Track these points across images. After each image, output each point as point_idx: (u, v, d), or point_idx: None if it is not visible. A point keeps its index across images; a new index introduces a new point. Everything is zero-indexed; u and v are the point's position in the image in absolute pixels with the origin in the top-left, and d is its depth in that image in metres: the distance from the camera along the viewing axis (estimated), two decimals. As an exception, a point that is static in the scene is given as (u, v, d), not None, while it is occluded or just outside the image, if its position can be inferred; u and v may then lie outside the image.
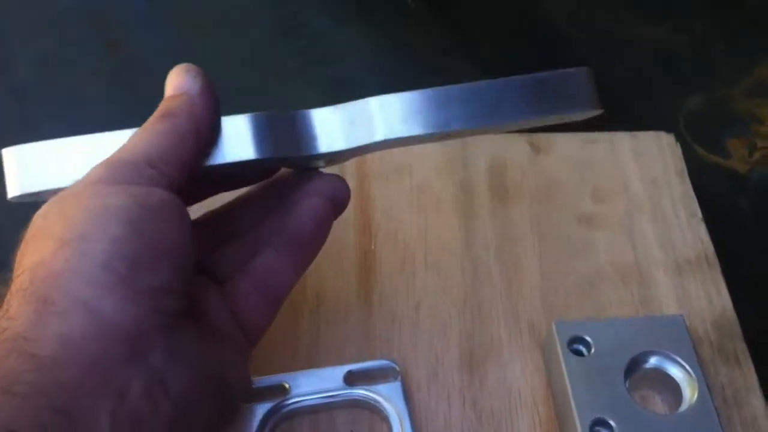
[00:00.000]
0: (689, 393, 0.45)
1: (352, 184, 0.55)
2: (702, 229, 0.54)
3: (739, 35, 0.78)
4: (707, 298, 0.51)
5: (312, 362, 0.48)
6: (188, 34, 0.69)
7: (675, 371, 0.45)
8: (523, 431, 0.46)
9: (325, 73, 0.66)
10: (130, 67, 0.66)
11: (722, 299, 0.51)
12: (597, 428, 0.43)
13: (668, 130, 0.61)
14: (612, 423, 0.43)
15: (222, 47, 0.68)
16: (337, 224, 0.53)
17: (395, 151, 0.57)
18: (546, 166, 0.57)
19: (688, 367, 0.45)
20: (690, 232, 0.54)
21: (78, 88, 0.67)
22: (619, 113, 0.72)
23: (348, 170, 0.56)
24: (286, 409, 0.45)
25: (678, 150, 0.58)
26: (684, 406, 0.44)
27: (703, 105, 0.74)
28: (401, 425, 0.45)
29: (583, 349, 0.46)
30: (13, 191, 0.39)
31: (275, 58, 0.66)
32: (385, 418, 0.45)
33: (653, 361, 0.46)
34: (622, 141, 0.59)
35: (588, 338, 0.46)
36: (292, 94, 0.65)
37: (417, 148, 0.58)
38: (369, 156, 0.57)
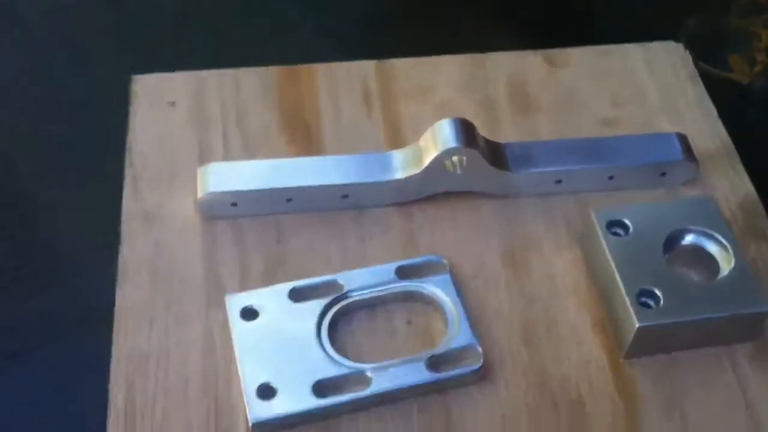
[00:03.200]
0: (725, 265, 0.47)
1: (377, 103, 0.58)
2: (719, 126, 0.57)
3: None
4: (730, 186, 0.54)
5: (361, 265, 0.49)
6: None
7: (711, 246, 0.48)
8: (570, 311, 0.48)
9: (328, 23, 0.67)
10: (134, 18, 0.68)
11: (745, 185, 0.54)
12: (643, 299, 0.45)
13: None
14: (657, 292, 0.45)
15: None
16: (368, 141, 0.56)
17: (415, 70, 0.60)
18: (563, 78, 0.59)
19: (723, 240, 0.47)
20: (707, 129, 0.57)
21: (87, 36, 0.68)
22: (619, 35, 0.74)
23: (371, 90, 0.58)
24: (342, 304, 0.47)
25: (688, 57, 0.61)
26: (723, 275, 0.46)
27: (701, 25, 0.77)
28: (455, 312, 0.47)
29: (621, 232, 0.48)
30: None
31: (272, 8, 0.68)
32: (439, 308, 0.47)
33: (689, 238, 0.48)
34: (634, 51, 0.61)
35: (626, 221, 0.48)
36: (287, 42, 0.66)
37: (435, 68, 0.60)
38: (389, 74, 0.59)
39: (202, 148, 0.55)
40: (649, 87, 0.59)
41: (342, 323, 0.47)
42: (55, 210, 0.62)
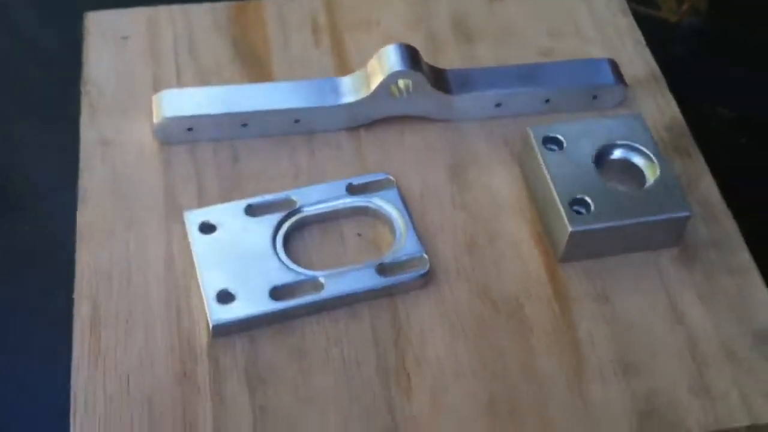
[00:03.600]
0: (651, 176, 0.51)
1: (326, 36, 0.60)
2: (647, 53, 0.60)
3: None
4: (657, 108, 0.57)
5: (314, 184, 0.52)
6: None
7: (638, 159, 0.51)
8: (509, 223, 0.51)
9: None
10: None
11: (671, 108, 0.58)
12: (576, 207, 0.49)
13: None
14: (588, 200, 0.49)
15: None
16: (316, 71, 0.58)
17: (362, 4, 0.62)
18: (503, 13, 0.62)
19: (649, 153, 0.51)
20: (636, 56, 0.60)
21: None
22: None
23: (320, 23, 0.60)
24: (296, 218, 0.49)
25: (618, -9, 0.64)
26: (649, 184, 0.50)
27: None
28: (402, 224, 0.50)
29: (556, 147, 0.51)
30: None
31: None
32: (387, 221, 0.50)
33: (618, 152, 0.52)
34: (569, -11, 0.64)
35: (559, 136, 0.51)
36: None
37: (381, 2, 0.62)
38: (337, 8, 0.62)
39: (155, 79, 0.57)
40: (584, 20, 0.62)
41: (296, 236, 0.50)
42: (19, 144, 0.64)
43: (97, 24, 0.60)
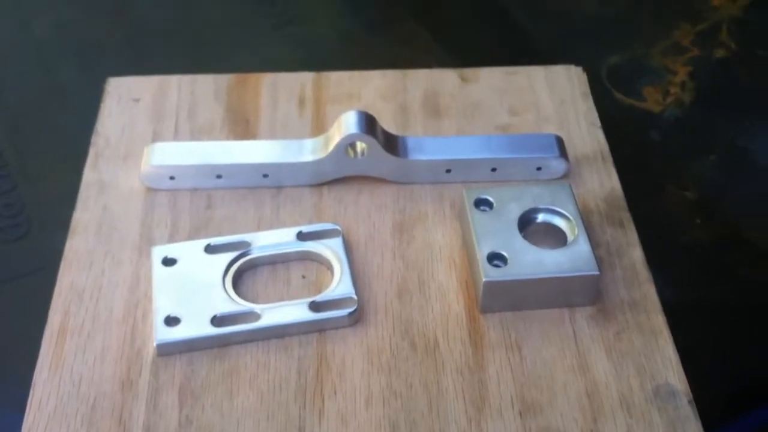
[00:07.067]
0: (572, 238, 0.55)
1: (310, 105, 0.68)
2: (600, 134, 0.65)
3: (662, 5, 0.90)
4: (600, 182, 0.62)
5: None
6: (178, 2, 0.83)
7: (560, 222, 0.56)
8: (441, 273, 0.56)
9: (295, 34, 0.78)
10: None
11: (612, 182, 0.62)
12: (494, 261, 0.54)
13: (590, 79, 0.72)
14: (505, 254, 0.53)
15: (205, 9, 0.82)
16: (296, 135, 0.65)
17: (347, 81, 0.70)
18: (472, 91, 0.69)
19: (570, 217, 0.56)
20: (589, 136, 0.65)
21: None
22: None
23: (307, 95, 0.68)
24: (247, 258, 0.56)
25: (584, 77, 0.70)
26: (566, 245, 0.55)
27: (623, 61, 0.86)
28: (341, 269, 0.55)
29: (486, 208, 0.57)
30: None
31: (251, 20, 0.79)
32: (329, 265, 0.56)
33: (542, 216, 0.56)
34: (538, 72, 0.70)
35: (490, 198, 0.57)
36: (265, 51, 0.77)
37: (364, 80, 0.70)
38: (324, 83, 0.69)
39: (155, 135, 0.65)
40: (545, 100, 0.68)
41: (247, 275, 0.56)
42: (39, 180, 0.74)
43: (116, 87, 0.69)
